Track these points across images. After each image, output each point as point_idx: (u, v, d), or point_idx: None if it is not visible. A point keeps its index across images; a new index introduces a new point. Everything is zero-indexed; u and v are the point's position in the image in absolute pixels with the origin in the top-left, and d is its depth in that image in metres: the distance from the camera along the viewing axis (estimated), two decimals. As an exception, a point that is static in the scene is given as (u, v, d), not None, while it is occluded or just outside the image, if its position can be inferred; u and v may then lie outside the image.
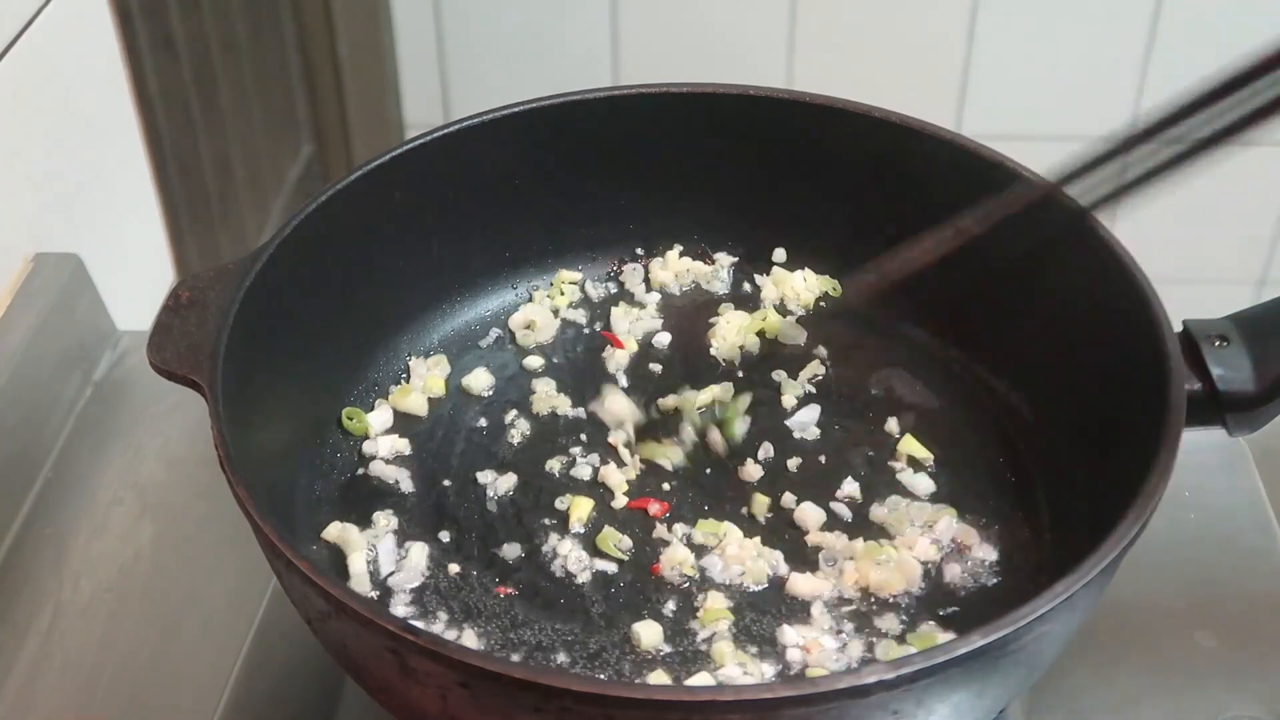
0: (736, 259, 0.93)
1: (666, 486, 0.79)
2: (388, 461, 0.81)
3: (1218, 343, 0.70)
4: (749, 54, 1.72)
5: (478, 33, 1.73)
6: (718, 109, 0.87)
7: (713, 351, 0.87)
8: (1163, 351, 0.68)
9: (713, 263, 0.93)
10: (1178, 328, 0.71)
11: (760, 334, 0.88)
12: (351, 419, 0.81)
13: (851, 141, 0.85)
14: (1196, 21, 1.67)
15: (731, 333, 0.87)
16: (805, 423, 0.83)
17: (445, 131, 0.83)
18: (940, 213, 0.83)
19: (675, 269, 0.92)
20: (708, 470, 0.80)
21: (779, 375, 0.86)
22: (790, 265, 0.91)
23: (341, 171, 0.87)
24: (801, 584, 0.73)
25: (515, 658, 0.69)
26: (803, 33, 1.71)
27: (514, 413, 0.84)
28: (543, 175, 0.88)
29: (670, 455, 0.80)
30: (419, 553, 0.75)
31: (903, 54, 1.72)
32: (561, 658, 0.70)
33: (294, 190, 1.63)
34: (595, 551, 0.75)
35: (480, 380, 0.86)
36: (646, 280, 0.92)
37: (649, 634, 0.70)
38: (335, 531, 0.76)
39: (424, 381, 0.85)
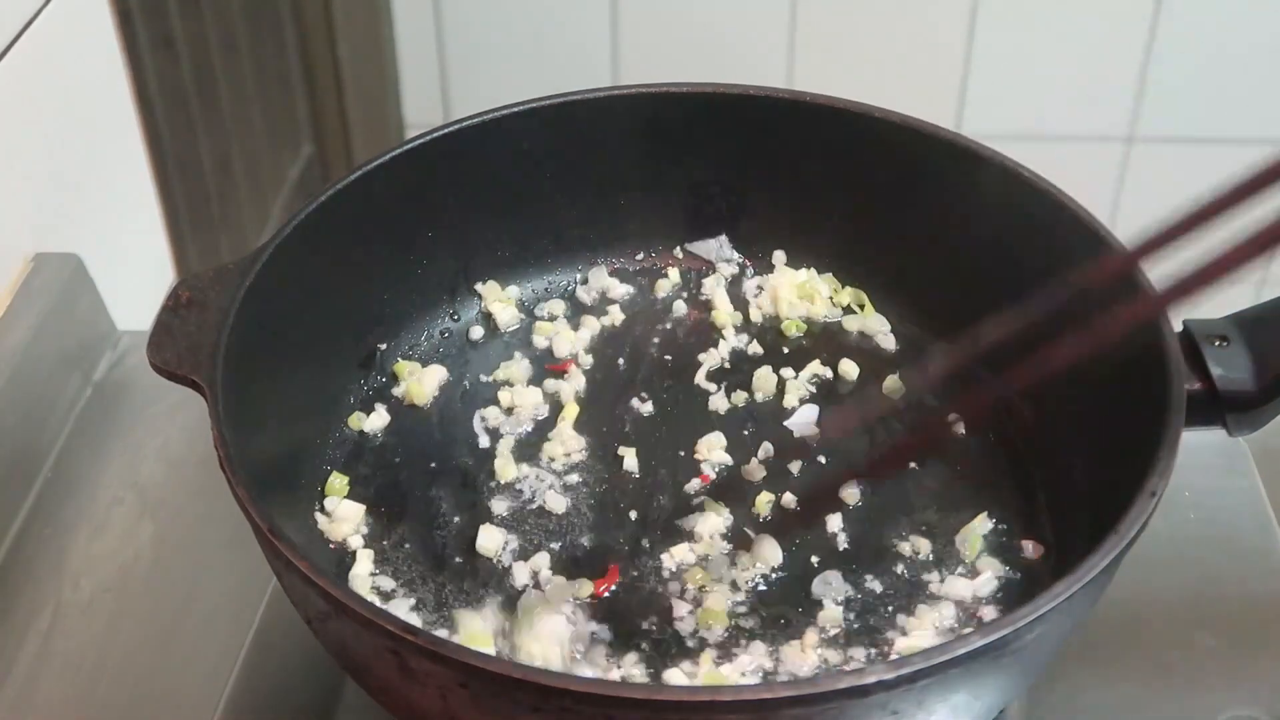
0: (737, 263, 0.93)
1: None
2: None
3: (1218, 343, 0.70)
4: (749, 54, 1.72)
5: (478, 33, 1.74)
6: (718, 109, 0.87)
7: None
8: (1163, 351, 0.68)
9: (714, 271, 0.93)
10: (1178, 328, 0.71)
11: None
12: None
13: (851, 141, 0.85)
14: (1196, 22, 1.67)
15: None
16: (804, 423, 0.83)
17: (445, 131, 0.83)
18: (941, 213, 0.83)
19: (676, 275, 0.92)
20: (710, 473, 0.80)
21: (780, 375, 0.86)
22: (793, 266, 0.91)
23: (341, 171, 0.87)
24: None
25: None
26: (803, 33, 1.71)
27: (512, 415, 0.84)
28: (543, 175, 0.88)
29: None
30: (420, 551, 0.75)
31: (903, 54, 1.72)
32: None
33: (294, 190, 1.63)
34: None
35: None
36: (651, 284, 0.92)
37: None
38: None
39: (423, 381, 0.85)
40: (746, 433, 0.83)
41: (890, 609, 0.72)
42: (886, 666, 0.55)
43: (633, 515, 0.78)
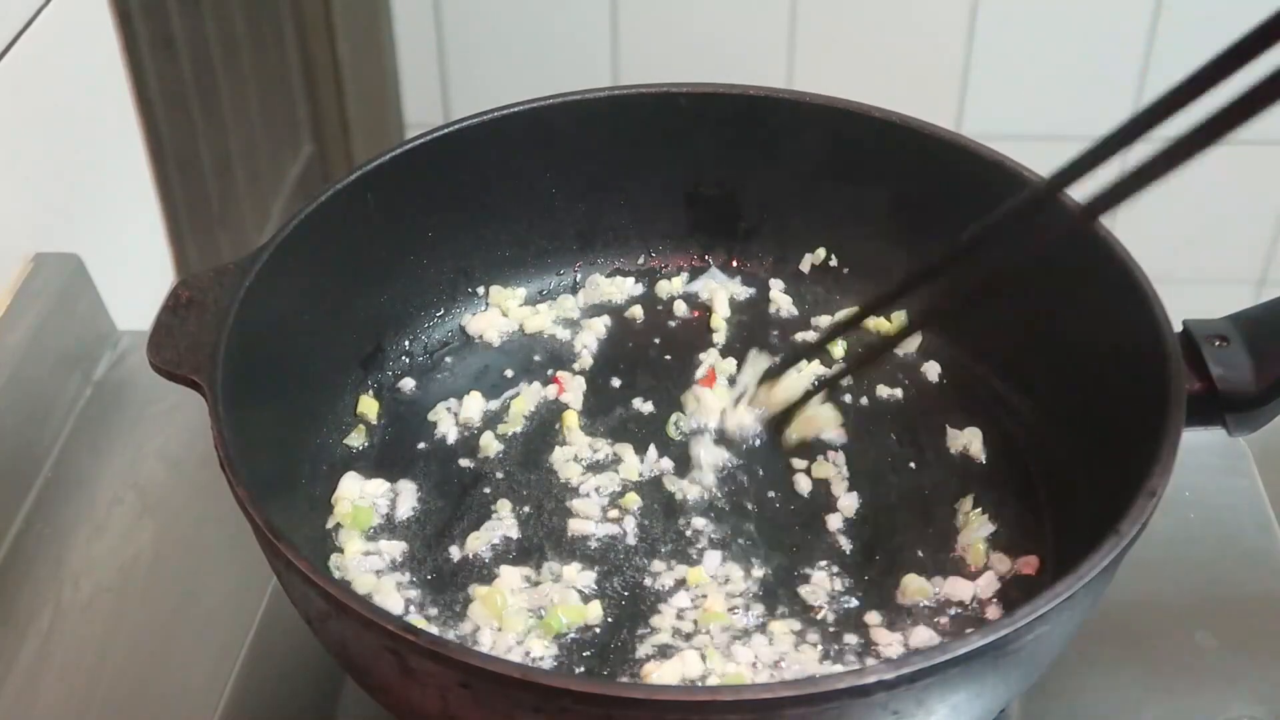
0: (732, 261, 0.93)
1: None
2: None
3: (1218, 343, 0.70)
4: (749, 54, 1.72)
5: (478, 33, 1.74)
6: (718, 109, 0.87)
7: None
8: (1163, 351, 0.68)
9: (706, 263, 0.93)
10: (1178, 328, 0.71)
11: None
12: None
13: (852, 141, 0.85)
14: (1196, 22, 1.67)
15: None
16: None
17: (445, 131, 0.83)
18: (940, 212, 0.83)
19: (675, 282, 0.92)
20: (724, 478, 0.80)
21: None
22: (790, 265, 0.91)
23: (341, 171, 0.87)
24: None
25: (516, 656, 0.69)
26: (803, 33, 1.71)
27: (513, 416, 0.84)
28: (543, 175, 0.88)
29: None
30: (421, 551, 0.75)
31: (903, 54, 1.72)
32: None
33: (294, 190, 1.63)
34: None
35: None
36: (651, 285, 0.92)
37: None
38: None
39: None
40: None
41: (891, 610, 0.72)
42: (886, 666, 0.55)
43: (635, 515, 0.78)
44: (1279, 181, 1.77)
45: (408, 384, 0.86)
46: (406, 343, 0.87)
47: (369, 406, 0.83)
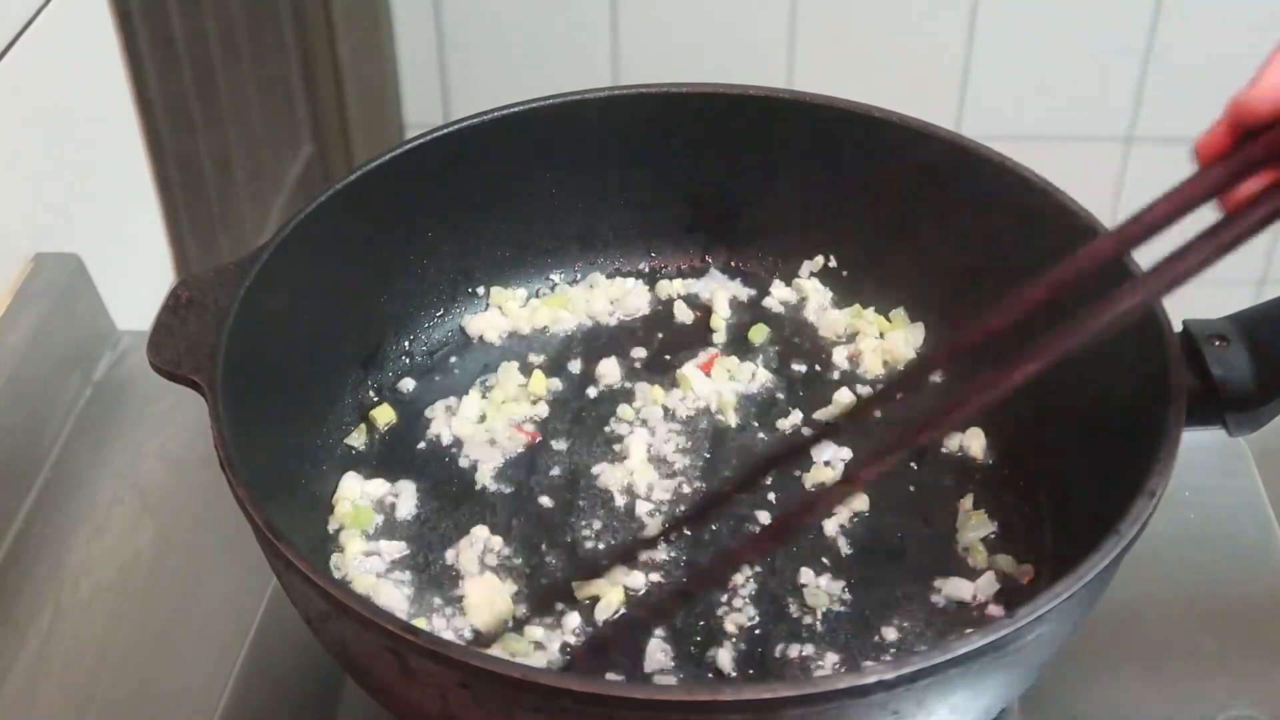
0: (732, 262, 0.93)
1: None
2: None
3: (1218, 343, 0.70)
4: (749, 54, 1.72)
5: (478, 33, 1.73)
6: (718, 109, 0.87)
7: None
8: (1163, 351, 0.68)
9: (706, 263, 0.93)
10: (1178, 328, 0.71)
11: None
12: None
13: (852, 141, 0.85)
14: (1196, 21, 1.67)
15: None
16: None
17: (445, 131, 0.83)
18: (940, 213, 0.83)
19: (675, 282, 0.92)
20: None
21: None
22: (789, 266, 0.91)
23: (341, 171, 0.87)
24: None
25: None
26: (803, 33, 1.71)
27: (513, 417, 0.84)
28: (543, 175, 0.88)
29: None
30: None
31: (903, 54, 1.72)
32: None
33: (294, 190, 1.63)
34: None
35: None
36: (651, 285, 0.92)
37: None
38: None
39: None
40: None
41: (890, 610, 0.72)
42: (886, 666, 0.55)
43: (637, 513, 0.78)
44: (1279, 181, 1.77)
45: (408, 384, 0.86)
46: (406, 343, 0.87)
47: (384, 414, 0.83)
